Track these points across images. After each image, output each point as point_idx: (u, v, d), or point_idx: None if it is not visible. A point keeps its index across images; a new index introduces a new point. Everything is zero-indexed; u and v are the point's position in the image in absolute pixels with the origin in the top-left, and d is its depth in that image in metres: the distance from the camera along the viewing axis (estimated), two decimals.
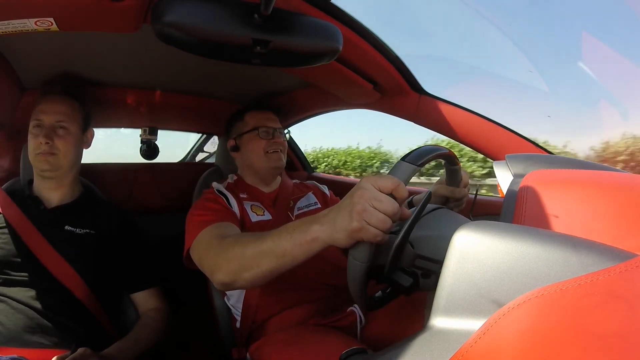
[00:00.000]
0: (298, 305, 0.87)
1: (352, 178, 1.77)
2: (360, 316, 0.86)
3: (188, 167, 1.77)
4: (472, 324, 0.32)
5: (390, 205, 0.46)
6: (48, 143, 0.88)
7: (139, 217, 1.07)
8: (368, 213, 0.46)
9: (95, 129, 1.04)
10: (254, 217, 0.94)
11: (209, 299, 1.05)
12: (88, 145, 1.01)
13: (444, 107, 0.99)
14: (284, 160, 1.05)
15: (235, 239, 0.68)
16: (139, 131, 1.32)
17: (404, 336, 0.39)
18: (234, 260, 0.63)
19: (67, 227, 0.90)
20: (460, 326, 0.34)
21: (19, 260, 0.83)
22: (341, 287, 0.90)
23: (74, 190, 0.98)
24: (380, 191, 0.47)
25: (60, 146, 0.90)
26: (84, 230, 0.91)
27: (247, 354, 0.88)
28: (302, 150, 1.69)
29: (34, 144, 0.90)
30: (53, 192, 0.94)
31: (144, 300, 0.95)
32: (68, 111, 0.93)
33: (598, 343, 0.23)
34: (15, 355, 0.69)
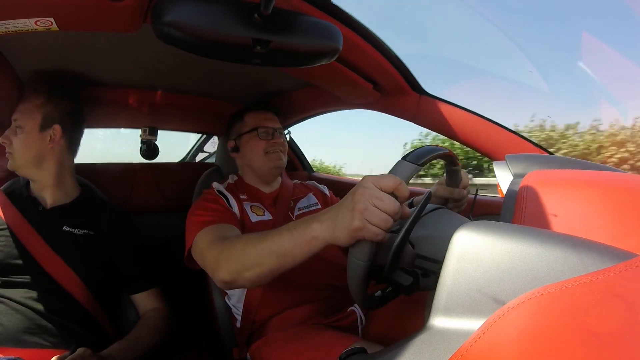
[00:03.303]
0: (299, 305, 0.87)
1: (351, 178, 1.77)
2: (360, 316, 0.86)
3: (188, 167, 1.77)
4: (472, 324, 0.32)
5: (391, 204, 0.46)
6: (5, 142, 0.90)
7: (139, 217, 1.07)
8: (369, 212, 0.46)
9: (95, 129, 1.03)
10: (254, 218, 0.94)
11: (209, 298, 1.05)
12: (54, 143, 0.92)
13: (444, 107, 0.99)
14: (285, 160, 1.05)
15: (237, 238, 0.69)
16: (138, 131, 1.33)
17: (404, 336, 0.39)
18: (235, 259, 0.63)
19: (65, 228, 0.90)
20: (460, 326, 0.34)
21: (18, 262, 0.83)
22: (342, 287, 0.90)
23: (71, 190, 0.97)
24: (382, 190, 0.47)
25: (15, 145, 0.90)
26: (83, 231, 0.91)
27: (248, 354, 0.88)
28: None
29: None
30: (47, 193, 0.94)
31: (144, 301, 0.95)
32: (25, 109, 0.92)
33: (597, 341, 0.23)
34: (12, 357, 0.68)
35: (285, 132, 1.11)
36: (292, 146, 1.64)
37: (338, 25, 0.71)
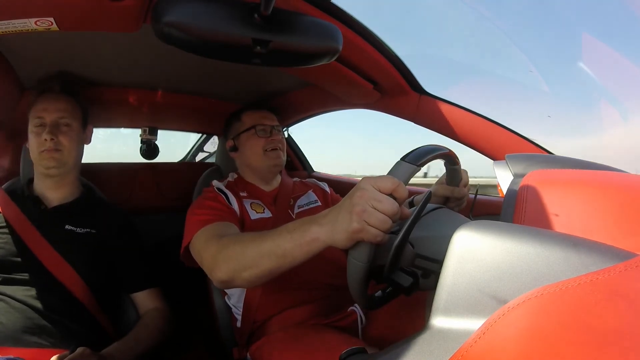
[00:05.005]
0: (299, 305, 0.87)
1: (351, 178, 1.76)
2: (361, 316, 0.86)
3: (188, 167, 1.77)
4: (472, 324, 0.32)
5: (390, 205, 0.46)
6: (53, 139, 0.88)
7: (139, 217, 1.07)
8: (368, 213, 0.46)
9: (95, 129, 1.04)
10: (254, 215, 0.95)
11: (209, 298, 1.05)
12: (88, 141, 1.02)
13: (444, 107, 0.99)
14: (284, 157, 1.05)
15: (235, 237, 0.68)
16: (139, 131, 1.33)
17: (404, 336, 0.39)
18: (233, 259, 0.63)
19: (67, 227, 0.90)
20: (460, 326, 0.34)
21: (18, 260, 0.83)
22: (342, 287, 0.90)
23: (75, 189, 0.98)
24: (380, 191, 0.47)
25: (64, 142, 0.90)
26: (85, 230, 0.91)
27: (248, 354, 0.88)
28: None
29: (37, 142, 0.89)
30: (54, 192, 0.94)
31: (144, 300, 0.95)
32: (69, 108, 0.93)
33: (597, 340, 0.23)
34: (11, 356, 0.68)
35: (284, 129, 1.11)
36: (292, 146, 1.64)
37: (338, 25, 0.71)
